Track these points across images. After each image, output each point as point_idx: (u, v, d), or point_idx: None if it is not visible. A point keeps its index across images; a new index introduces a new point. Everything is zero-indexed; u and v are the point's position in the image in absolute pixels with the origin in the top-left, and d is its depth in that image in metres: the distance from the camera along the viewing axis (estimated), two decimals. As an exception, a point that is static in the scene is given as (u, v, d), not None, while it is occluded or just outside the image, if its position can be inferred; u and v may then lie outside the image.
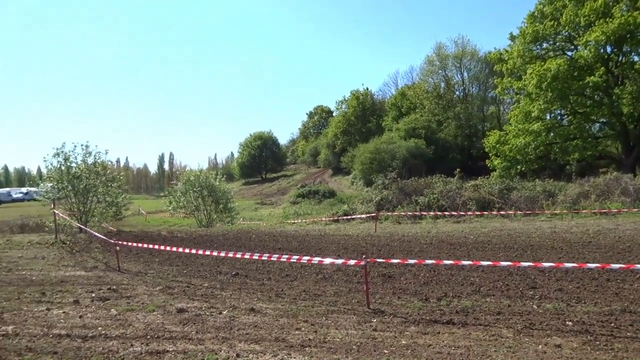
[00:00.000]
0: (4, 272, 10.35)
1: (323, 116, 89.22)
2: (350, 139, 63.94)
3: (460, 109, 50.14)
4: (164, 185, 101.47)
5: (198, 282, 9.09)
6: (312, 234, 16.56)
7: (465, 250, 11.67)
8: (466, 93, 53.33)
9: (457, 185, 22.03)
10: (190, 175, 26.94)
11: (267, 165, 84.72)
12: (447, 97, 52.45)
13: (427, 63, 54.09)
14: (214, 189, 25.73)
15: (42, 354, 5.18)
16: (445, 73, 52.91)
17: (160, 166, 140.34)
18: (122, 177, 20.94)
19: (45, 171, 19.67)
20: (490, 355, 4.84)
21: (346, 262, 7.60)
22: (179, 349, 5.24)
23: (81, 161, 18.36)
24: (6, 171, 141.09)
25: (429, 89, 53.24)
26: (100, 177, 18.53)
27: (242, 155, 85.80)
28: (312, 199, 44.56)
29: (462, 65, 51.84)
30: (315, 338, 5.51)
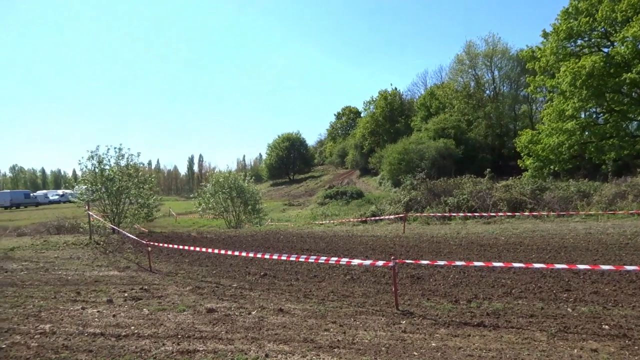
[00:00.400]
0: (41, 272, 10.66)
1: (351, 117, 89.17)
2: (378, 140, 63.69)
3: (490, 108, 49.33)
4: (193, 187, 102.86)
5: (227, 282, 9.18)
6: (340, 235, 16.53)
7: (495, 252, 11.46)
8: (497, 92, 52.45)
9: (487, 186, 21.68)
10: (220, 176, 27.24)
11: (295, 166, 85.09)
12: (477, 96, 51.68)
13: (457, 62, 53.45)
14: (242, 190, 25.97)
15: (78, 352, 5.32)
16: (476, 72, 52.18)
17: (190, 168, 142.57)
18: (153, 179, 21.31)
19: (80, 174, 20.19)
20: (524, 358, 4.75)
21: (374, 263, 7.56)
22: (209, 349, 5.30)
23: (114, 164, 18.77)
24: (43, 174, 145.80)
25: (458, 88, 52.55)
26: (132, 179, 18.90)
27: (270, 157, 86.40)
28: (340, 200, 44.53)
29: (492, 63, 51.01)
30: (344, 339, 5.50)
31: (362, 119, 73.85)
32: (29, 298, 8.05)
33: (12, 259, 12.70)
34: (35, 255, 13.34)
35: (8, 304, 7.67)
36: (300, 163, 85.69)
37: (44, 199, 68.13)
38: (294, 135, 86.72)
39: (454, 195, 21.26)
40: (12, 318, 6.79)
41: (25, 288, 8.93)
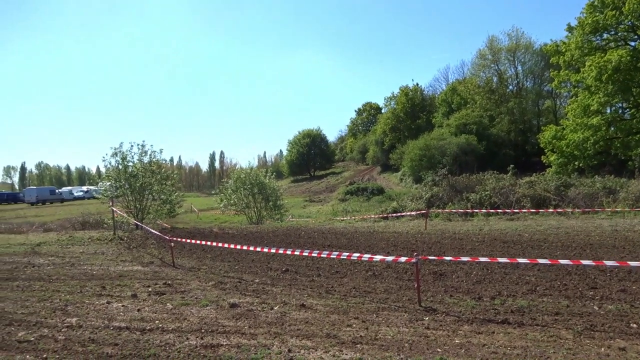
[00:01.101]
0: (67, 267, 10.87)
1: (372, 113, 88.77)
2: (399, 136, 63.34)
3: (513, 103, 48.61)
4: (215, 183, 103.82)
5: (249, 277, 9.23)
6: (361, 231, 16.49)
7: (519, 249, 11.29)
8: (520, 87, 51.65)
9: (510, 182, 21.37)
10: (241, 173, 27.42)
11: (316, 162, 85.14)
12: (500, 92, 50.95)
13: (479, 57, 52.79)
14: (263, 186, 26.09)
15: (104, 345, 5.40)
16: (498, 67, 51.44)
17: (211, 164, 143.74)
18: (175, 176, 21.54)
19: (104, 170, 20.53)
20: (549, 356, 4.66)
21: (397, 259, 7.50)
22: (232, 343, 5.33)
23: (137, 160, 19.05)
24: (68, 170, 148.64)
25: (480, 83, 51.91)
26: (155, 176, 19.14)
27: (290, 153, 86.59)
28: (361, 196, 44.45)
29: (516, 58, 50.23)
30: (367, 335, 5.47)
31: (383, 115, 73.49)
32: (56, 292, 8.21)
33: (39, 254, 12.98)
34: (61, 250, 13.62)
35: (36, 297, 7.84)
36: (321, 159, 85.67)
37: (68, 195, 69.51)
38: (315, 132, 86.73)
39: (476, 192, 21.02)
40: (40, 312, 6.93)
41: (52, 282, 9.11)
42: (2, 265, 11.20)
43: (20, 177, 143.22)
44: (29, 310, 7.04)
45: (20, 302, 7.57)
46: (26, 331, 5.97)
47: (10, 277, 9.73)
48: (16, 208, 51.53)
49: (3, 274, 10.02)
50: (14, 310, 7.02)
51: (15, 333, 5.91)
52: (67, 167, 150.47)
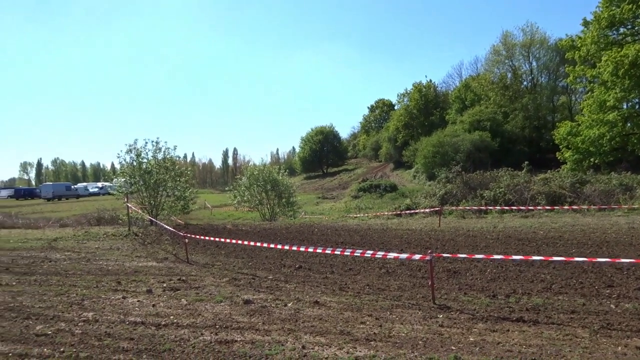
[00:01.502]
0: (83, 262, 11.00)
1: (384, 109, 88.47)
2: (412, 133, 63.12)
3: (528, 99, 48.12)
4: (228, 180, 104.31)
5: (263, 274, 9.26)
6: (375, 228, 16.46)
7: (534, 246, 11.17)
8: (535, 83, 51.09)
9: (525, 179, 21.15)
10: (254, 169, 27.52)
11: (328, 159, 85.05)
12: (514, 88, 50.48)
13: (493, 53, 52.34)
14: (277, 183, 26.16)
15: (120, 339, 5.46)
16: (512, 63, 50.94)
17: (224, 161, 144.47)
18: (189, 172, 21.67)
19: (119, 167, 20.74)
20: (565, 355, 4.60)
21: (411, 257, 7.47)
22: (246, 339, 5.35)
23: (152, 157, 19.19)
24: (83, 167, 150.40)
25: (494, 79, 51.47)
26: (169, 172, 19.27)
27: (303, 150, 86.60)
28: (374, 193, 44.40)
29: (530, 53, 49.69)
30: (380, 332, 5.47)
31: (396, 112, 73.26)
32: (72, 287, 8.32)
33: (56, 249, 13.14)
34: (77, 245, 13.78)
35: (53, 292, 7.94)
36: (334, 156, 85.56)
37: (84, 191, 70.39)
38: (327, 129, 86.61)
39: (490, 189, 20.84)
40: (57, 306, 7.02)
41: (68, 277, 9.23)
42: (20, 259, 11.36)
43: (37, 173, 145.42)
44: (46, 304, 7.14)
45: (38, 296, 7.68)
46: (44, 325, 6.06)
47: (28, 271, 9.87)
48: (33, 203, 52.30)
49: (21, 269, 10.17)
50: (31, 304, 7.12)
51: (33, 326, 6.00)
52: (82, 164, 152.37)
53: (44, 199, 60.96)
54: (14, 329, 5.94)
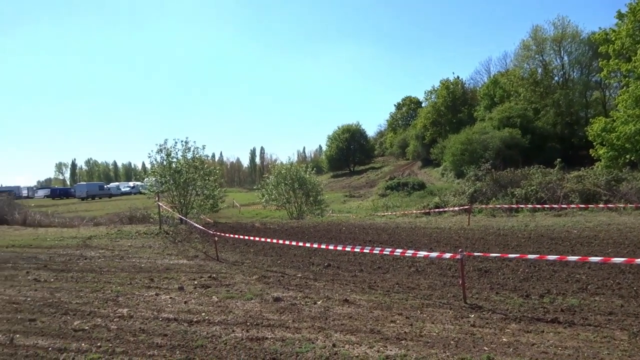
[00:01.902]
0: (117, 260, 11.26)
1: (412, 107, 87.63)
2: (440, 130, 62.46)
3: (559, 95, 46.96)
4: (255, 178, 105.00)
5: (292, 272, 9.31)
6: (403, 227, 16.36)
7: (568, 246, 10.92)
8: (566, 78, 49.80)
9: (557, 176, 20.67)
10: (282, 168, 27.65)
11: (355, 157, 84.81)
12: (545, 83, 49.30)
13: (523, 48, 51.14)
14: (304, 181, 26.23)
15: (154, 335, 5.57)
16: (543, 58, 49.75)
17: (252, 160, 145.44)
18: (218, 171, 21.92)
19: (149, 166, 21.12)
20: (603, 358, 4.49)
21: (441, 255, 7.40)
22: (277, 337, 5.39)
23: (181, 156, 19.48)
24: (115, 167, 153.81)
25: (524, 75, 50.35)
26: (198, 171, 19.53)
27: (330, 148, 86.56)
28: (401, 191, 44.11)
29: (561, 48, 48.43)
30: (411, 331, 5.43)
31: (424, 109, 72.54)
32: (107, 284, 8.52)
33: (90, 246, 13.49)
34: (110, 243, 14.11)
35: (89, 288, 8.16)
36: (361, 154, 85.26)
37: (116, 190, 72.06)
38: (354, 127, 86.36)
39: (521, 187, 20.44)
40: (93, 302, 7.21)
41: (103, 274, 9.46)
42: (57, 257, 11.71)
43: (71, 173, 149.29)
44: (82, 300, 7.34)
45: (75, 292, 7.91)
46: (81, 320, 6.23)
47: (64, 268, 10.17)
48: (68, 203, 53.76)
49: (58, 266, 10.48)
50: (69, 300, 7.33)
51: (71, 322, 6.17)
52: (114, 164, 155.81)
53: (78, 198, 62.62)
54: (53, 324, 6.13)
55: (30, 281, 8.91)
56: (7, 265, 10.78)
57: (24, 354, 5.09)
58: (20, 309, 6.93)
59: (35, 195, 77.69)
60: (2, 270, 10.15)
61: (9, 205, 25.23)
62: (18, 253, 12.59)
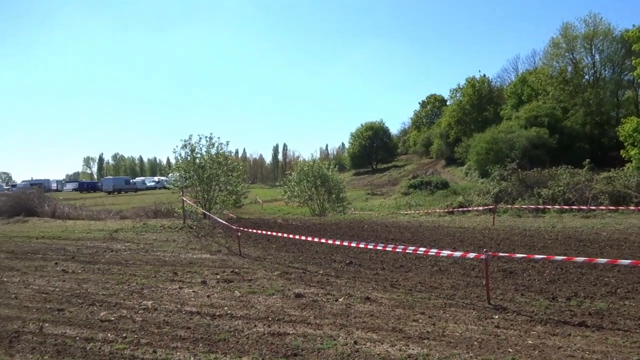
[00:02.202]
0: (142, 253, 11.45)
1: (436, 105, 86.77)
2: (465, 129, 61.71)
3: (589, 94, 45.86)
4: (278, 175, 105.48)
5: (313, 268, 9.33)
6: (426, 226, 16.23)
7: (596, 248, 10.67)
8: (597, 77, 48.58)
9: (586, 177, 20.21)
10: (304, 165, 27.71)
11: (378, 155, 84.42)
12: (575, 82, 48.17)
13: (552, 46, 50.05)
14: (326, 178, 26.23)
15: (178, 328, 5.65)
16: (573, 56, 48.60)
17: (274, 156, 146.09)
18: (241, 167, 22.07)
19: (174, 161, 21.40)
20: (632, 363, 4.38)
21: (465, 255, 7.32)
22: (298, 332, 5.41)
23: (205, 152, 19.68)
24: (141, 161, 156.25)
25: (553, 73, 49.29)
26: (222, 167, 19.70)
27: (353, 146, 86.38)
28: (424, 190, 43.79)
29: (593, 46, 47.22)
30: (434, 331, 5.38)
31: (448, 107, 71.77)
32: (132, 276, 8.68)
33: (117, 239, 13.75)
34: (136, 237, 14.35)
35: (115, 280, 8.32)
36: (384, 152, 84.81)
37: (141, 185, 73.14)
38: (377, 124, 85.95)
39: (548, 187, 20.06)
40: (119, 294, 7.35)
41: (128, 267, 9.63)
42: (85, 249, 11.97)
43: (99, 168, 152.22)
44: (109, 292, 7.49)
45: (101, 284, 8.07)
46: (107, 311, 6.36)
47: (92, 260, 10.39)
48: (95, 196, 54.81)
49: (85, 257, 10.72)
50: (95, 291, 7.49)
51: (98, 312, 6.30)
52: (140, 158, 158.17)
53: (105, 192, 63.73)
54: (81, 314, 6.27)
55: (59, 272, 9.14)
56: (37, 256, 11.07)
57: (53, 342, 5.22)
58: (49, 298, 7.12)
59: (64, 188, 79.35)
60: (32, 260, 10.43)
61: (39, 197, 25.79)
62: (47, 244, 12.91)
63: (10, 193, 35.68)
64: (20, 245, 12.90)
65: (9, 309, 6.55)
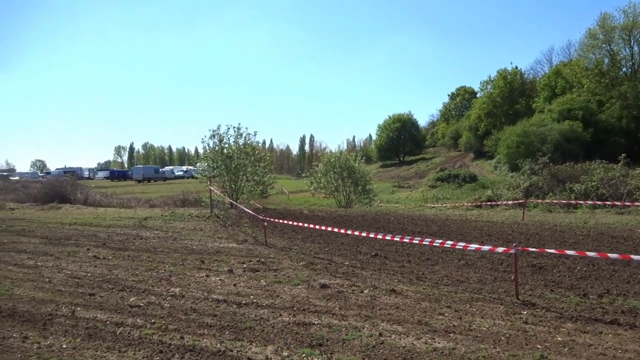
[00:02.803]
0: (170, 241, 11.64)
1: (466, 97, 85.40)
2: (495, 122, 60.65)
3: (627, 87, 44.35)
4: (304, 166, 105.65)
5: (339, 260, 9.33)
6: (453, 219, 16.03)
7: (631, 245, 10.37)
8: (635, 69, 46.91)
9: (621, 172, 19.63)
10: (331, 156, 27.61)
11: (405, 148, 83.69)
12: (611, 75, 46.64)
13: (589, 37, 48.49)
14: (353, 170, 26.10)
15: (204, 315, 5.72)
16: (611, 47, 47.01)
17: (301, 147, 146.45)
18: (268, 158, 22.14)
19: (202, 151, 21.59)
20: (666, 363, 4.24)
21: (494, 249, 7.20)
22: (323, 323, 5.42)
23: (233, 142, 19.79)
24: (170, 151, 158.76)
25: (589, 65, 47.80)
26: (249, 158, 19.79)
27: (380, 138, 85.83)
28: (452, 183, 43.31)
29: (632, 37, 45.55)
30: (460, 325, 5.32)
31: (478, 100, 70.55)
32: (161, 263, 8.83)
33: (146, 227, 14.00)
34: (164, 225, 14.59)
35: (144, 267, 8.48)
36: (411, 144, 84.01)
37: (170, 174, 74.34)
38: (405, 116, 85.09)
39: (581, 182, 19.57)
40: (148, 280, 7.49)
41: (157, 254, 9.80)
42: (115, 236, 12.23)
43: (129, 156, 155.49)
44: (138, 278, 7.64)
45: (131, 270, 8.24)
46: (136, 297, 6.49)
47: (122, 247, 10.61)
48: (125, 185, 55.88)
49: (116, 244, 10.95)
50: (125, 277, 7.65)
51: (127, 298, 6.44)
52: (169, 148, 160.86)
53: (135, 180, 64.93)
54: (111, 299, 6.41)
55: (90, 258, 9.36)
56: (70, 241, 11.36)
57: (85, 325, 5.35)
58: (81, 283, 7.30)
59: (96, 176, 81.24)
60: (65, 246, 10.71)
61: (72, 185, 26.49)
62: (80, 231, 13.24)
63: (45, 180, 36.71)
64: (53, 231, 13.25)
65: (43, 293, 6.74)
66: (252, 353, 4.56)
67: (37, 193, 25.18)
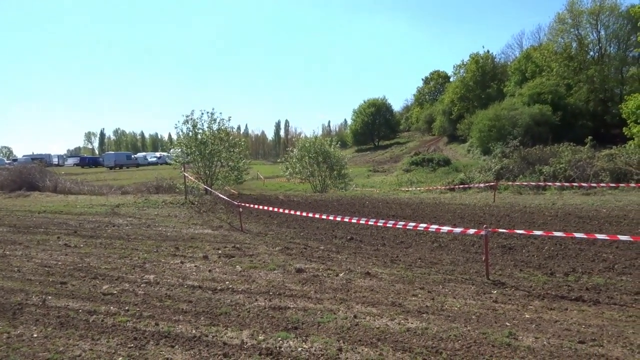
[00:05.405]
0: (144, 228, 11.52)
1: (439, 82, 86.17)
2: (468, 106, 61.42)
3: (594, 71, 45.39)
4: (280, 152, 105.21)
5: (314, 244, 9.39)
6: (427, 202, 16.25)
7: (596, 225, 10.69)
8: (602, 53, 48.00)
9: (588, 154, 20.13)
10: (306, 141, 27.59)
11: (380, 132, 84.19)
12: (579, 58, 47.62)
13: (558, 21, 49.34)
14: (328, 155, 26.15)
15: (179, 301, 5.71)
16: (579, 32, 47.93)
17: (276, 133, 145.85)
18: (243, 143, 22.00)
19: (176, 137, 21.33)
20: (628, 337, 4.42)
21: (466, 231, 7.35)
22: (299, 306, 5.47)
23: (207, 128, 19.61)
24: (142, 137, 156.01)
25: (558, 49, 48.70)
26: (223, 143, 19.66)
27: (355, 123, 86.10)
28: (426, 167, 43.81)
29: (598, 21, 46.54)
30: (433, 305, 5.44)
31: (452, 84, 71.25)
32: (135, 250, 8.74)
33: (119, 214, 13.81)
34: (137, 212, 14.41)
35: (117, 254, 8.39)
36: (386, 129, 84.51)
37: (143, 160, 73.17)
38: (380, 101, 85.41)
39: (550, 164, 20.01)
40: (121, 267, 7.42)
41: (130, 241, 9.69)
42: (87, 224, 12.04)
43: (100, 143, 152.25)
44: (111, 266, 7.55)
45: (104, 258, 8.14)
46: (110, 285, 6.42)
47: (94, 234, 10.45)
48: (97, 172, 54.88)
49: (87, 232, 10.78)
50: (98, 266, 7.56)
51: (100, 286, 6.37)
52: (141, 134, 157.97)
53: (106, 167, 63.75)
54: (83, 287, 6.33)
55: (61, 246, 9.20)
56: (40, 230, 11.14)
57: (56, 314, 5.29)
58: (52, 272, 7.18)
59: (65, 163, 79.42)
60: (34, 234, 10.50)
61: (40, 172, 25.78)
62: (49, 219, 12.99)
63: (12, 167, 35.67)
64: (22, 219, 12.97)
65: (12, 282, 6.62)
66: (227, 338, 4.57)
67: (3, 181, 24.41)
